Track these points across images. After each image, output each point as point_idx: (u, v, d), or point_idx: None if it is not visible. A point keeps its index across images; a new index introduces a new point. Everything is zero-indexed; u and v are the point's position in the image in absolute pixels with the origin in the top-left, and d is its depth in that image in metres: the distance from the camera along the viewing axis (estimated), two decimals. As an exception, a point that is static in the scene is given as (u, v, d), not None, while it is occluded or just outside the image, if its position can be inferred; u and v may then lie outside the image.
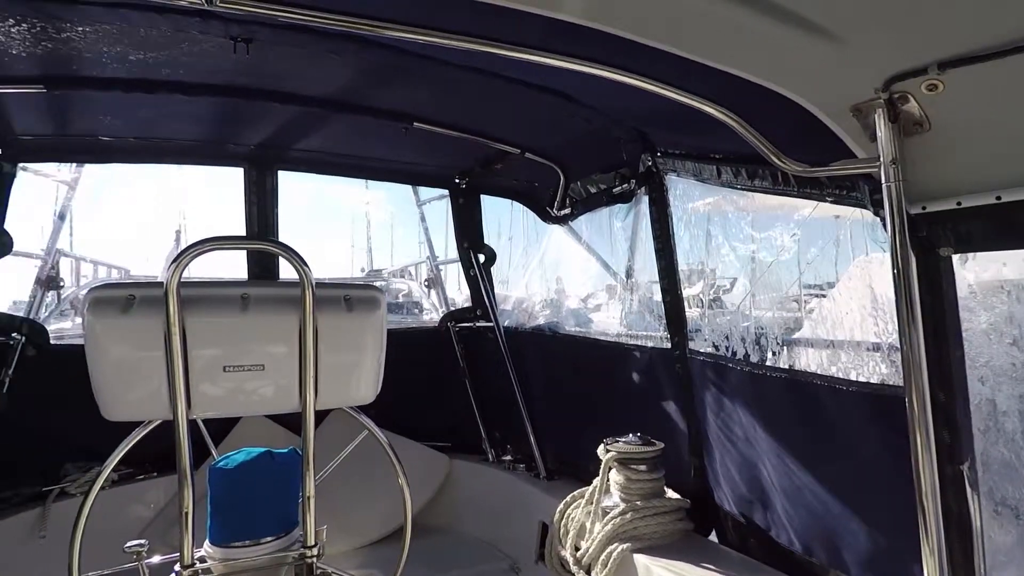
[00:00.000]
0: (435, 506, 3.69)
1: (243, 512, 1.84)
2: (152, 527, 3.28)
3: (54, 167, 3.76)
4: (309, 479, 1.83)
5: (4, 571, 2.83)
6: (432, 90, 2.53)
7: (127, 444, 1.85)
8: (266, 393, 1.74)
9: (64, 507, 3.12)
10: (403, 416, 3.29)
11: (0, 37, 1.90)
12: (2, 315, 3.14)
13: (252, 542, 1.84)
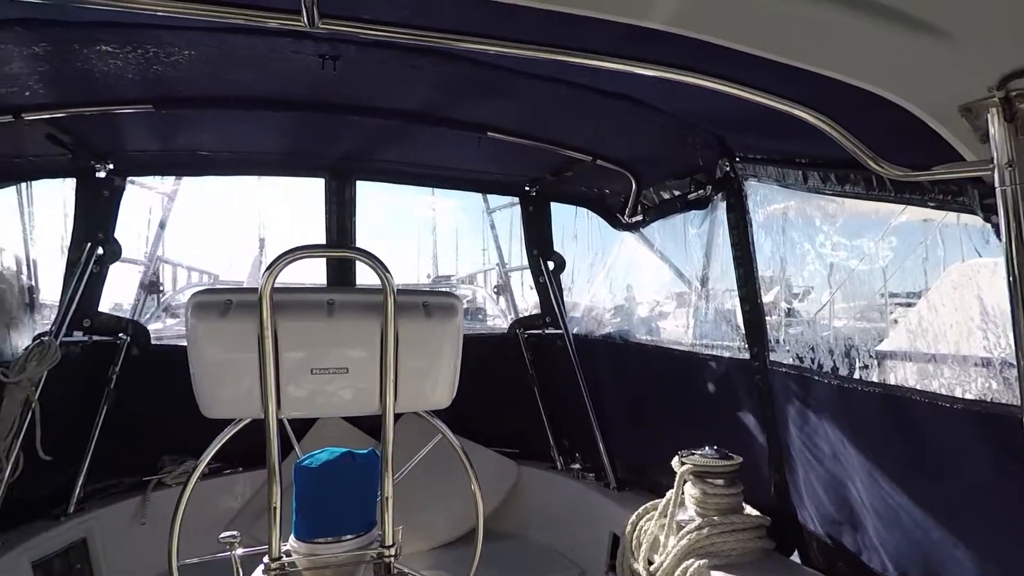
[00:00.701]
0: (503, 512, 3.71)
1: (326, 510, 1.92)
2: (238, 519, 3.47)
3: (156, 180, 4.08)
4: (388, 480, 1.88)
5: (111, 553, 3.07)
6: (505, 100, 2.56)
7: (220, 440, 1.97)
8: (349, 395, 1.80)
9: (161, 496, 3.36)
10: (472, 421, 3.33)
11: (119, 63, 2.08)
12: (111, 316, 3.42)
13: (334, 539, 1.91)
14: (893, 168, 1.48)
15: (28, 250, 3.15)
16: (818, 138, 1.58)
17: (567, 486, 3.62)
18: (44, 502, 2.96)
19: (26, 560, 2.63)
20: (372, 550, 1.91)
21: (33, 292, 3.07)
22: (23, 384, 2.73)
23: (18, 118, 2.39)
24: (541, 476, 3.81)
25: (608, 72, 1.85)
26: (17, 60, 1.99)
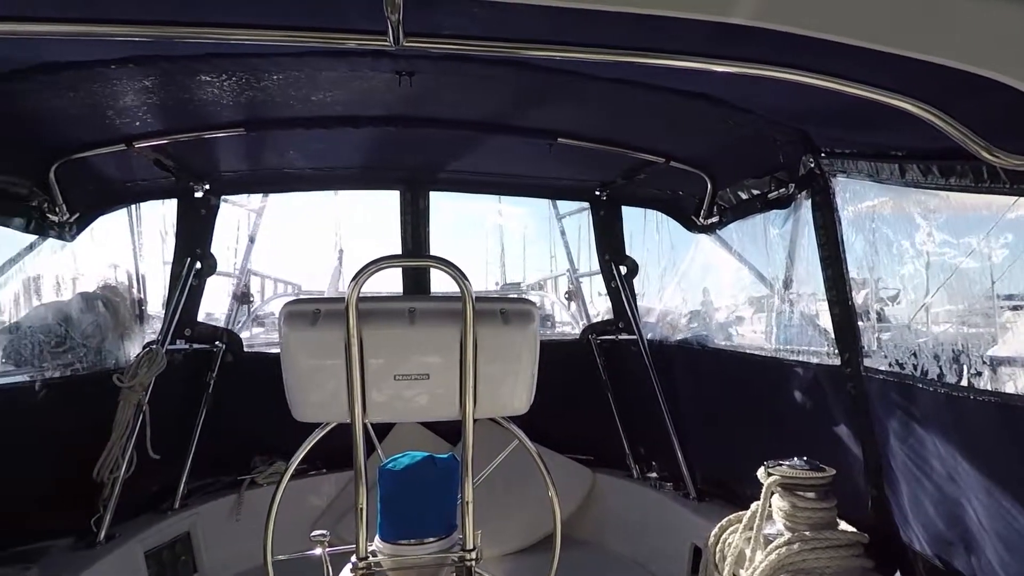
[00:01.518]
0: (578, 519, 3.68)
1: (409, 512, 1.97)
2: (323, 518, 3.63)
3: (245, 197, 4.35)
4: (468, 485, 1.90)
5: (211, 546, 3.29)
6: (576, 105, 2.56)
7: (308, 443, 2.06)
8: (430, 401, 1.84)
9: (253, 495, 3.56)
10: (545, 427, 3.33)
11: (215, 91, 2.25)
12: (208, 326, 3.67)
13: (416, 541, 1.95)
14: (1009, 157, 1.36)
15: (137, 266, 3.44)
16: (917, 128, 1.48)
17: (644, 495, 3.54)
18: (154, 497, 3.21)
19: (140, 550, 2.86)
20: (454, 553, 1.94)
21: (142, 304, 3.35)
22: (135, 389, 2.98)
23: (130, 146, 2.62)
24: (616, 484, 3.75)
25: (684, 71, 1.81)
26: (131, 94, 2.18)
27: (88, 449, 2.89)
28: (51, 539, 2.66)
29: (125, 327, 3.21)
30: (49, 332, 2.85)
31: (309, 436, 2.01)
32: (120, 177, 3.09)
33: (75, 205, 2.88)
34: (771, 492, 2.27)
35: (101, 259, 3.30)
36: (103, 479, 2.87)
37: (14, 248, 2.71)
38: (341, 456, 3.44)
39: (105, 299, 3.13)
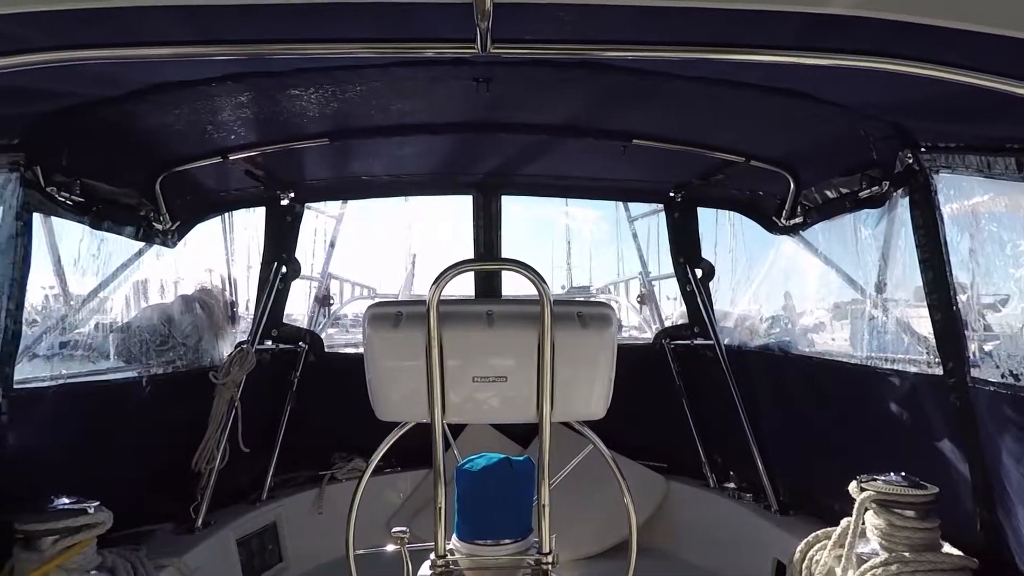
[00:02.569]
0: (651, 528, 3.60)
1: (486, 513, 1.99)
2: (398, 514, 3.73)
3: (325, 204, 4.55)
4: (544, 488, 1.90)
5: (295, 537, 3.45)
6: (652, 106, 2.52)
7: (388, 441, 2.11)
8: (507, 403, 1.86)
9: (333, 490, 3.71)
10: (618, 433, 3.27)
11: (303, 103, 2.37)
12: (292, 327, 3.87)
13: (493, 542, 1.97)
14: None
15: (229, 270, 3.67)
16: None
17: (721, 505, 3.42)
18: (244, 489, 3.40)
19: (232, 537, 3.04)
20: (530, 556, 1.95)
21: (234, 306, 3.57)
22: (228, 385, 3.17)
23: (225, 158, 2.80)
24: (692, 493, 3.64)
25: (769, 66, 1.75)
26: (228, 109, 2.34)
27: (187, 441, 3.10)
28: (156, 523, 2.88)
29: (219, 327, 3.43)
30: (154, 332, 3.09)
31: (388, 435, 2.06)
32: (215, 187, 3.31)
33: (176, 214, 3.11)
34: (864, 508, 2.14)
35: (198, 264, 3.55)
36: (200, 469, 3.08)
37: (125, 254, 2.96)
38: (416, 455, 3.54)
39: (202, 301, 3.36)
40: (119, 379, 2.87)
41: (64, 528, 2.00)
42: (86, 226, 2.59)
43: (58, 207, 2.34)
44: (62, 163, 2.29)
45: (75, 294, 2.77)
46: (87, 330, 2.84)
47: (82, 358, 2.79)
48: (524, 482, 2.01)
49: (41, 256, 2.50)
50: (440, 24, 1.27)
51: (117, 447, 2.68)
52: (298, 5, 1.13)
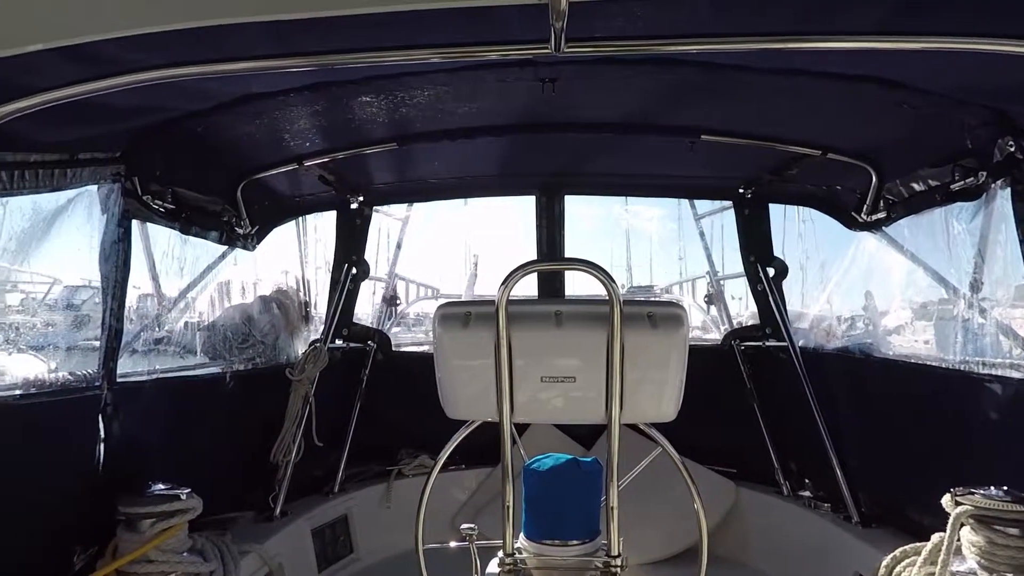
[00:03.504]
0: (721, 535, 3.49)
1: (553, 513, 1.99)
2: (463, 511, 3.78)
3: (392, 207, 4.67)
4: (613, 490, 1.88)
5: (365, 530, 3.56)
6: (722, 100, 2.44)
7: (456, 439, 2.14)
8: (575, 403, 1.85)
9: (400, 486, 3.80)
10: (685, 436, 3.20)
11: (373, 110, 2.44)
12: (362, 326, 3.99)
13: (561, 543, 1.96)
14: None
15: (303, 272, 3.83)
16: None
17: (796, 514, 3.27)
18: (317, 481, 3.55)
19: (307, 527, 3.18)
20: (599, 558, 1.93)
21: (308, 306, 3.72)
22: (303, 382, 3.32)
23: (300, 165, 2.93)
24: (764, 500, 3.51)
25: (850, 54, 1.66)
26: (304, 119, 2.44)
27: (265, 434, 3.27)
28: (238, 511, 3.05)
29: (294, 326, 3.59)
30: (236, 330, 3.27)
31: (452, 432, 2.09)
32: (290, 193, 3.47)
33: (255, 219, 3.28)
34: (960, 524, 1.99)
35: (275, 266, 3.74)
36: (278, 461, 3.23)
37: (210, 257, 3.15)
38: (480, 453, 3.58)
39: (278, 302, 3.53)
40: (205, 374, 3.05)
41: (160, 512, 2.15)
42: (176, 231, 2.77)
43: (153, 214, 2.52)
44: (156, 173, 2.46)
45: (167, 295, 2.98)
46: (177, 328, 3.04)
47: (173, 354, 2.99)
48: (592, 483, 1.99)
49: (137, 260, 2.69)
50: (512, 26, 1.28)
51: (203, 438, 2.85)
52: (375, 15, 1.17)
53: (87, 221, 2.19)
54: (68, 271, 3.74)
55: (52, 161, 1.92)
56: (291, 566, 2.89)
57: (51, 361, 2.34)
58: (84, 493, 2.19)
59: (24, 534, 1.97)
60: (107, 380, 2.26)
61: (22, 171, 1.81)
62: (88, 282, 5.41)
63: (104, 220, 2.26)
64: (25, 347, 2.74)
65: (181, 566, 2.16)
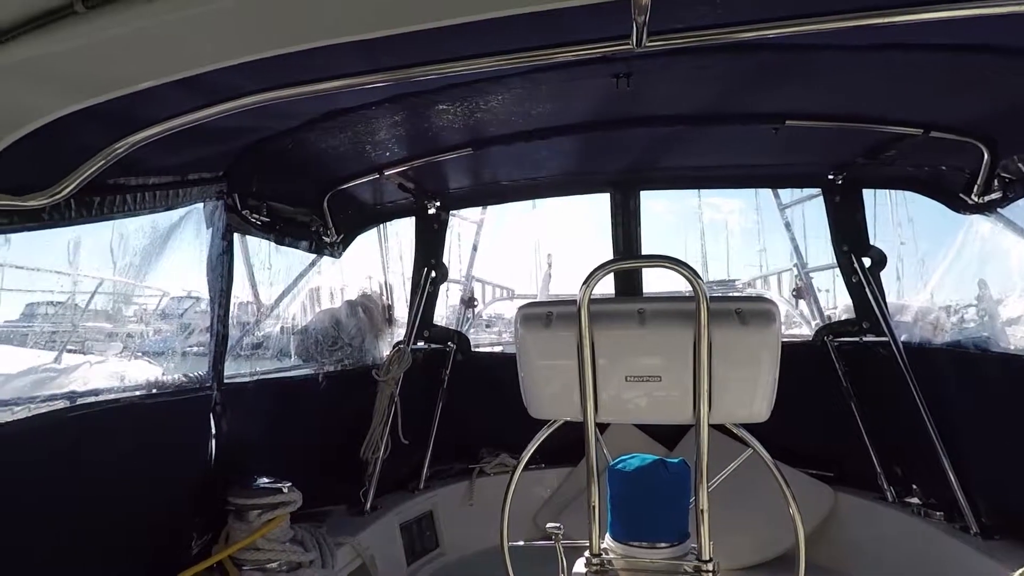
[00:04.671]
0: (817, 542, 3.30)
1: (640, 514, 1.96)
2: (544, 511, 3.80)
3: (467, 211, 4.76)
4: (703, 492, 1.83)
5: (449, 526, 3.65)
6: (808, 82, 2.32)
7: (538, 438, 2.15)
8: (661, 403, 1.81)
9: (482, 483, 3.87)
10: (777, 437, 3.06)
11: (449, 117, 2.50)
12: (441, 328, 4.09)
13: (648, 544, 1.93)
14: None
15: (386, 276, 3.98)
16: None
17: (904, 523, 3.05)
18: (404, 478, 3.67)
19: (396, 522, 3.30)
20: (688, 562, 1.89)
21: (391, 309, 3.86)
22: (389, 382, 3.45)
23: (381, 174, 3.05)
24: (865, 507, 3.29)
25: (954, 22, 1.53)
26: (384, 130, 2.54)
27: (355, 432, 3.42)
28: (332, 504, 3.21)
29: (378, 329, 3.74)
30: (326, 334, 3.45)
31: (531, 432, 2.10)
32: (372, 201, 3.62)
33: (340, 227, 3.44)
34: (1103, 537, 1.79)
35: (359, 272, 3.91)
36: (367, 458, 3.38)
37: (301, 266, 3.34)
38: (560, 452, 3.58)
39: (364, 306, 3.68)
40: (299, 376, 3.24)
41: (266, 504, 2.31)
42: (271, 242, 2.96)
43: (250, 227, 2.70)
44: (252, 189, 2.64)
45: (264, 302, 3.18)
46: (274, 332, 3.25)
47: (271, 357, 3.19)
48: (680, 485, 1.95)
49: (237, 270, 2.90)
50: (589, 25, 1.28)
51: (299, 435, 3.02)
52: (456, 26, 1.19)
53: (196, 236, 2.39)
54: (177, 284, 4.06)
55: (166, 183, 2.11)
56: (382, 558, 3.01)
57: (163, 365, 2.58)
58: (199, 484, 2.38)
59: (150, 520, 2.16)
60: (216, 381, 2.45)
61: (143, 193, 2.00)
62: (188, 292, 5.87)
63: (210, 235, 2.45)
64: (140, 353, 3.02)
65: (285, 554, 2.31)
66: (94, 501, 1.92)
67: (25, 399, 1.88)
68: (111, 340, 5.81)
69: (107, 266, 2.33)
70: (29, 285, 6.56)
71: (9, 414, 1.77)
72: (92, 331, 6.14)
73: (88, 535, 1.91)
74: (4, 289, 6.05)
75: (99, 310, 6.30)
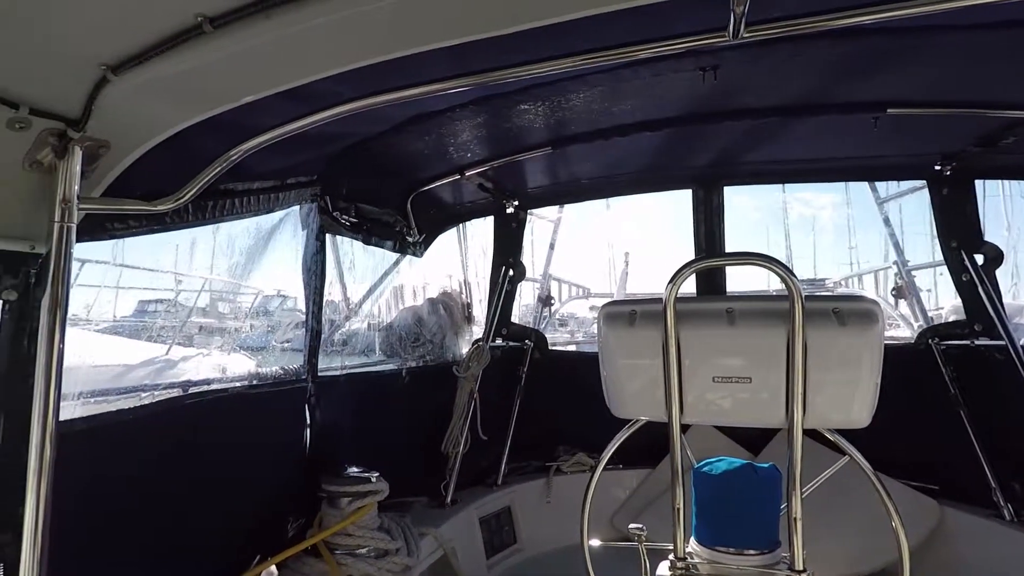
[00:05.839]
0: (920, 560, 3.06)
1: (728, 519, 1.90)
2: (621, 512, 3.75)
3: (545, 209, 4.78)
4: (796, 499, 1.76)
5: (526, 522, 3.68)
6: (911, 67, 2.16)
7: (620, 437, 2.14)
8: (751, 406, 1.76)
9: (559, 482, 3.87)
10: (873, 444, 2.88)
11: (530, 117, 2.52)
12: (519, 326, 4.14)
13: (736, 550, 1.87)
14: None
15: (465, 275, 4.07)
16: None
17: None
18: (482, 473, 3.74)
19: (476, 516, 3.37)
20: (780, 571, 1.81)
21: (470, 307, 3.95)
22: (468, 379, 3.53)
23: (462, 175, 3.12)
24: (977, 524, 3.03)
25: None
26: (467, 132, 2.60)
27: (436, 426, 3.52)
28: (414, 496, 3.32)
29: (458, 326, 3.83)
30: (408, 331, 3.57)
31: (611, 432, 2.08)
32: (452, 201, 3.71)
33: (423, 227, 3.55)
34: None
35: (439, 270, 4.01)
36: (448, 452, 3.47)
37: (386, 265, 3.48)
38: (639, 453, 3.52)
39: (444, 304, 3.79)
40: (384, 370, 3.37)
41: (356, 492, 2.43)
42: (359, 242, 3.10)
43: (341, 228, 2.84)
44: (342, 191, 2.78)
45: (352, 300, 3.34)
46: (361, 329, 3.40)
47: (359, 353, 3.35)
48: (770, 490, 1.88)
49: (328, 269, 3.05)
50: (683, 18, 1.26)
51: (384, 427, 3.15)
52: (547, 27, 1.21)
53: (292, 237, 2.55)
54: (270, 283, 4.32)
55: (268, 187, 2.27)
56: (462, 551, 3.09)
57: (257, 359, 2.77)
58: (295, 471, 2.53)
59: (253, 502, 2.33)
60: (311, 374, 2.60)
61: (247, 197, 2.16)
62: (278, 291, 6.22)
63: (305, 236, 2.60)
64: (237, 347, 3.24)
65: (374, 541, 2.42)
66: (204, 482, 2.09)
67: (150, 386, 2.07)
68: (213, 335, 6.31)
69: (215, 266, 2.53)
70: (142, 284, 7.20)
71: (136, 400, 1.96)
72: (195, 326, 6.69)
73: (199, 513, 2.08)
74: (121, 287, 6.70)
75: (202, 307, 6.86)
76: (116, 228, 1.72)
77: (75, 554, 1.58)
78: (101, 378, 3.31)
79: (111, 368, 3.82)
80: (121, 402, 1.85)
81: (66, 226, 1.31)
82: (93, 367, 2.63)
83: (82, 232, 1.43)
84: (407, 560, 2.49)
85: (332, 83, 1.34)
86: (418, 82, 1.48)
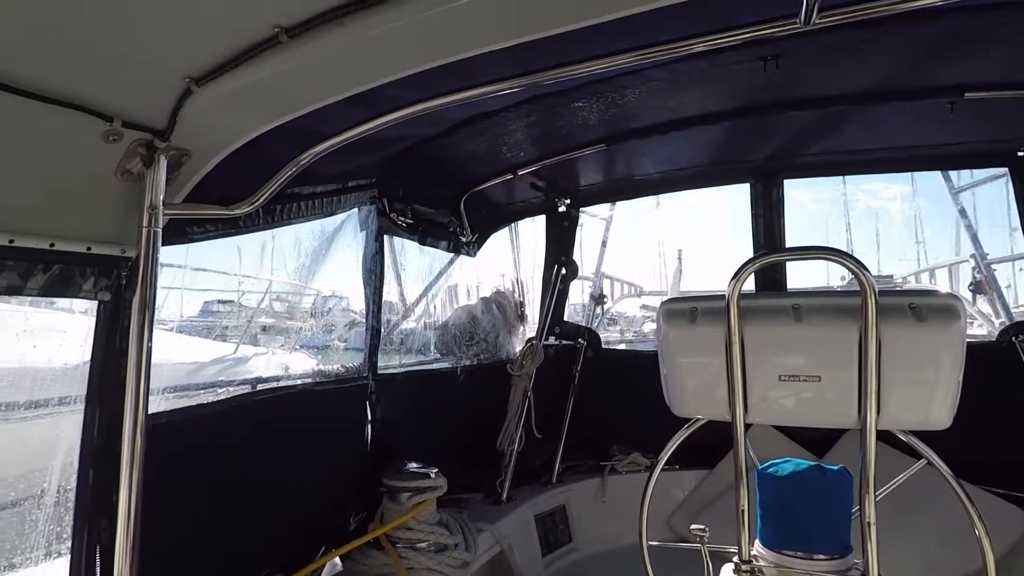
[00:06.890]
0: (1005, 573, 2.89)
1: (796, 521, 1.84)
2: (678, 512, 3.69)
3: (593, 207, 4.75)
4: (870, 503, 1.69)
5: (581, 521, 3.67)
6: (992, 48, 2.04)
7: (679, 438, 2.10)
8: (821, 406, 1.70)
9: (614, 481, 3.84)
10: (952, 448, 2.73)
11: (584, 114, 2.51)
12: (572, 325, 4.12)
13: (804, 554, 1.81)
14: None
15: (518, 274, 4.09)
16: None
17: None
18: (537, 471, 3.75)
19: (531, 513, 3.38)
20: None
21: (523, 306, 3.97)
22: (522, 377, 3.54)
23: (514, 174, 3.13)
24: (1069, 536, 2.83)
25: None
26: (520, 131, 2.61)
27: (491, 424, 3.55)
28: (471, 492, 3.36)
29: (511, 325, 3.85)
30: (463, 329, 3.62)
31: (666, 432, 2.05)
32: (505, 201, 3.73)
33: (476, 227, 3.59)
34: None
35: (493, 270, 4.05)
36: (503, 450, 3.49)
37: (440, 264, 3.53)
38: (697, 454, 3.46)
39: (497, 302, 3.82)
40: (440, 368, 3.43)
41: (415, 487, 2.48)
42: (415, 242, 3.17)
43: (398, 229, 2.91)
44: (399, 193, 2.84)
45: (408, 299, 3.41)
46: (418, 328, 3.47)
47: (415, 351, 3.42)
48: (841, 493, 1.80)
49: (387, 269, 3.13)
50: (749, 6, 1.23)
51: (441, 424, 3.20)
52: (604, 23, 1.20)
53: (353, 239, 2.63)
54: (328, 284, 4.47)
55: (331, 191, 2.35)
56: (518, 548, 3.10)
57: (317, 357, 2.86)
58: (358, 465, 2.61)
59: (319, 495, 2.42)
60: (371, 371, 2.67)
61: (312, 200, 2.25)
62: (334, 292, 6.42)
63: (364, 237, 2.68)
64: (299, 346, 3.36)
65: (433, 536, 2.47)
66: (273, 473, 2.18)
67: (224, 382, 2.19)
68: (275, 334, 6.58)
69: (276, 268, 2.64)
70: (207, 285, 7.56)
71: (213, 395, 2.07)
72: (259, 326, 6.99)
73: (268, 503, 2.17)
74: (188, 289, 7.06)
75: (265, 308, 7.16)
76: (195, 232, 1.82)
77: (162, 540, 1.68)
78: (179, 374, 3.52)
79: (187, 365, 4.05)
80: (200, 396, 1.95)
81: (153, 231, 1.40)
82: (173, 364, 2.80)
83: (165, 236, 1.52)
84: (466, 555, 2.53)
85: (395, 87, 1.37)
86: (476, 83, 1.50)
